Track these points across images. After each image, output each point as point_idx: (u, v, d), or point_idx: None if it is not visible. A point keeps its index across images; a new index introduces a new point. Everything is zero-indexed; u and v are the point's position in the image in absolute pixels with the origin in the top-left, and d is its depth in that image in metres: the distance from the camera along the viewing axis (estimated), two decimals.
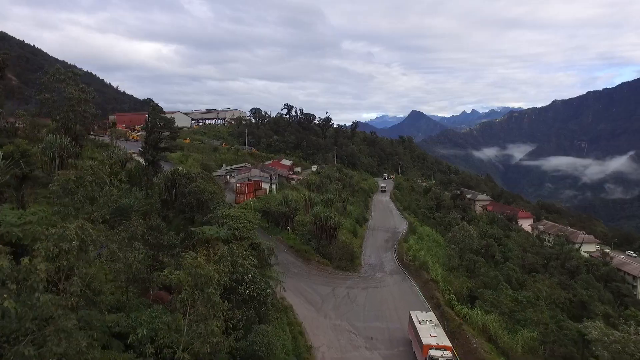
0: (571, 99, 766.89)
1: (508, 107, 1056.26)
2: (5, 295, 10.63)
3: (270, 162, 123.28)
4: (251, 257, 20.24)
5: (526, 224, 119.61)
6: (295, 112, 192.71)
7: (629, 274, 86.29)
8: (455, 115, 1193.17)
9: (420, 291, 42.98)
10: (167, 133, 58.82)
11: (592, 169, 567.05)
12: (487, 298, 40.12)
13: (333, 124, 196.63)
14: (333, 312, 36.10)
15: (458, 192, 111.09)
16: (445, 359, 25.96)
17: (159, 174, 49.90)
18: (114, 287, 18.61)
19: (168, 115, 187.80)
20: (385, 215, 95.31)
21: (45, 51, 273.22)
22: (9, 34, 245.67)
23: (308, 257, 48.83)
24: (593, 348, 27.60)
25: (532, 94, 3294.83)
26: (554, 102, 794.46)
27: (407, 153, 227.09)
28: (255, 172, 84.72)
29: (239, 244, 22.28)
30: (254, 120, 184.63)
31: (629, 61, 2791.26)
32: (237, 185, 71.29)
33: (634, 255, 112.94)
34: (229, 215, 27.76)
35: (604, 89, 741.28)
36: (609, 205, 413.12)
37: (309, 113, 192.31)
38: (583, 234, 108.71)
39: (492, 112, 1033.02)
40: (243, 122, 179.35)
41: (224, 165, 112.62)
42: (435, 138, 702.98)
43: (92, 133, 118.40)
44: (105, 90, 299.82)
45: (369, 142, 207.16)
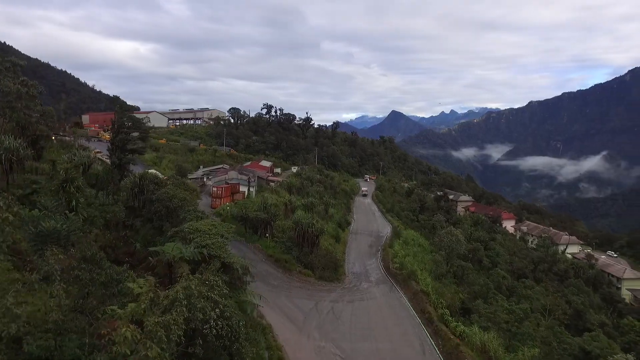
0: (547, 100, 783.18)
1: (486, 108, 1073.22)
2: None
3: (249, 163, 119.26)
4: (220, 283, 16.64)
5: (509, 225, 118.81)
6: (275, 112, 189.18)
7: (613, 276, 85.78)
8: (434, 115, 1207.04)
9: (409, 304, 39.98)
10: (136, 134, 54.57)
11: (567, 168, 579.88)
12: (483, 312, 37.50)
13: (313, 124, 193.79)
14: (317, 331, 32.73)
15: (442, 194, 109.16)
16: None
17: (125, 178, 45.79)
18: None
19: (143, 115, 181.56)
20: (368, 218, 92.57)
21: (16, 48, 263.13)
22: None
23: (289, 267, 45.33)
24: None
25: (508, 94, 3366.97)
26: (530, 103, 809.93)
27: (388, 153, 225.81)
28: (233, 174, 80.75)
29: (206, 268, 18.70)
30: (232, 120, 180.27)
31: (601, 63, 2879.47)
32: (213, 188, 67.30)
33: (615, 255, 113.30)
34: (197, 230, 24.01)
35: (578, 91, 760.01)
36: (584, 204, 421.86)
37: (289, 113, 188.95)
38: (566, 235, 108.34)
39: (470, 113, 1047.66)
40: (221, 122, 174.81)
41: (201, 167, 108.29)
42: (414, 138, 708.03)
43: (61, 134, 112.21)
44: (80, 89, 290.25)
45: (349, 143, 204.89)
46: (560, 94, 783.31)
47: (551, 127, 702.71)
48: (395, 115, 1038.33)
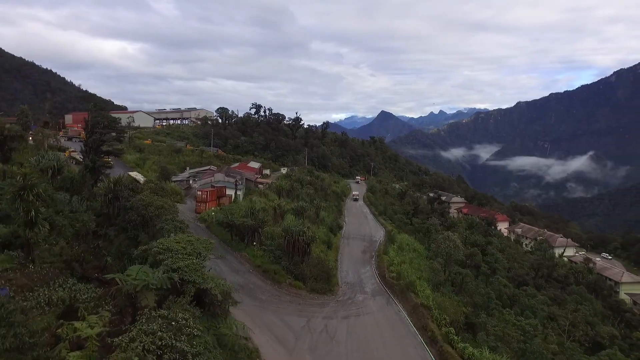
0: (534, 101, 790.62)
1: (474, 108, 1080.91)
2: None
3: (237, 164, 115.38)
4: (192, 322, 13.21)
5: (503, 227, 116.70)
6: (264, 111, 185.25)
7: (610, 280, 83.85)
8: (423, 116, 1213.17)
9: (409, 319, 36.84)
10: (113, 134, 50.72)
11: (555, 168, 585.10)
12: (491, 330, 34.53)
13: (303, 124, 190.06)
14: (309, 354, 29.40)
15: (435, 196, 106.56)
16: None
17: (99, 183, 41.97)
18: None
19: (128, 114, 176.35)
20: (360, 222, 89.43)
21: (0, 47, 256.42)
22: None
23: (278, 278, 41.87)
24: None
25: (497, 95, 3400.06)
26: (518, 103, 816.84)
27: (379, 154, 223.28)
28: (219, 176, 76.92)
29: (174, 302, 15.21)
30: (220, 120, 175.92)
31: (587, 65, 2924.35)
32: (198, 192, 63.48)
33: (609, 257, 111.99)
34: (168, 249, 20.36)
35: (565, 91, 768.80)
36: (571, 204, 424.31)
37: (278, 113, 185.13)
38: (561, 237, 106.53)
39: (459, 113, 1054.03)
40: (209, 122, 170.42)
41: (187, 168, 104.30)
42: (404, 138, 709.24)
43: (40, 135, 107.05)
44: (66, 89, 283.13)
45: (340, 143, 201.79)
46: (547, 94, 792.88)
47: (539, 128, 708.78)
48: (385, 116, 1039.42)
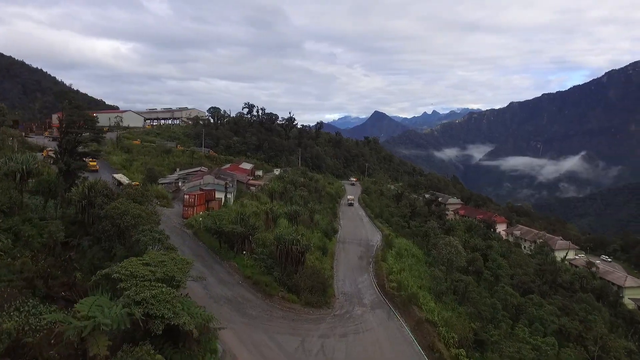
0: (527, 101, 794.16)
1: (467, 109, 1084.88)
2: None
3: (228, 165, 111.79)
4: None
5: (501, 229, 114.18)
6: (257, 111, 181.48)
7: (613, 284, 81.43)
8: (416, 116, 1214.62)
9: (413, 336, 33.73)
10: (87, 134, 47.05)
11: (548, 168, 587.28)
12: (505, 351, 31.44)
13: (296, 124, 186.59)
14: None
15: (432, 198, 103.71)
16: None
17: (73, 188, 38.37)
18: None
19: (115, 114, 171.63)
20: (356, 225, 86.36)
21: None
22: None
23: (269, 291, 38.50)
24: None
25: (490, 95, 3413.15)
26: (511, 103, 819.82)
27: (374, 154, 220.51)
28: (209, 179, 73.38)
29: (130, 352, 11.86)
30: (212, 120, 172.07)
31: (579, 65, 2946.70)
32: (185, 196, 59.92)
33: (609, 259, 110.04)
34: (132, 274, 16.84)
35: (557, 92, 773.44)
36: (564, 204, 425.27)
37: (271, 113, 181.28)
38: (561, 239, 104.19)
39: (452, 113, 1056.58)
40: (200, 122, 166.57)
41: (177, 170, 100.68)
42: (397, 139, 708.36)
43: (23, 134, 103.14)
44: (57, 88, 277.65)
45: (334, 143, 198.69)
46: (540, 95, 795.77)
47: (531, 128, 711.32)
48: (378, 116, 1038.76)
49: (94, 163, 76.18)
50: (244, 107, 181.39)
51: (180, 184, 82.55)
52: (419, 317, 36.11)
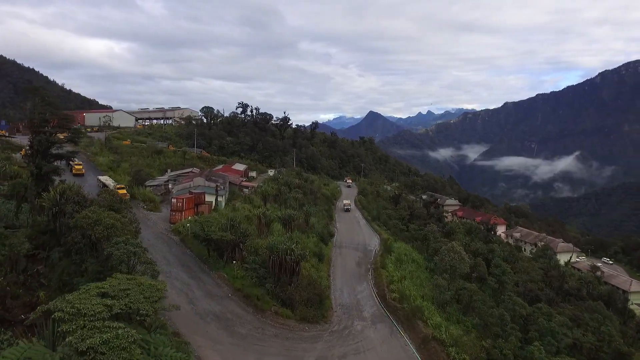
0: (521, 101, 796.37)
1: (462, 109, 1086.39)
2: None
3: (221, 166, 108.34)
4: None
5: (501, 232, 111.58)
6: (251, 111, 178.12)
7: (618, 288, 78.92)
8: (411, 116, 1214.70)
9: (419, 357, 30.65)
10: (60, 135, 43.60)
11: (542, 168, 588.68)
12: None
13: (291, 124, 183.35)
14: None
15: (431, 199, 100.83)
16: None
17: (44, 194, 34.87)
18: None
19: (104, 114, 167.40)
20: (352, 228, 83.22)
21: None
22: None
23: (261, 305, 35.27)
24: None
25: (484, 96, 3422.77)
26: (506, 104, 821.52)
27: (369, 155, 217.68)
28: (199, 181, 69.91)
29: None
30: (205, 120, 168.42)
31: (573, 66, 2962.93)
32: (173, 200, 56.48)
33: (610, 262, 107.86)
34: (78, 312, 13.25)
35: (551, 92, 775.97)
36: (559, 204, 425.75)
37: (265, 112, 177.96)
38: (562, 241, 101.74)
39: (447, 114, 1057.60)
40: (193, 121, 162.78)
41: (168, 171, 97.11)
42: (392, 139, 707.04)
43: (7, 135, 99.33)
44: (49, 88, 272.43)
45: (329, 144, 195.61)
46: (534, 95, 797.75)
47: (526, 128, 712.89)
48: (373, 116, 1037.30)
49: (80, 166, 72.27)
50: (238, 107, 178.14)
51: (170, 186, 79.03)
52: (424, 333, 33.06)
